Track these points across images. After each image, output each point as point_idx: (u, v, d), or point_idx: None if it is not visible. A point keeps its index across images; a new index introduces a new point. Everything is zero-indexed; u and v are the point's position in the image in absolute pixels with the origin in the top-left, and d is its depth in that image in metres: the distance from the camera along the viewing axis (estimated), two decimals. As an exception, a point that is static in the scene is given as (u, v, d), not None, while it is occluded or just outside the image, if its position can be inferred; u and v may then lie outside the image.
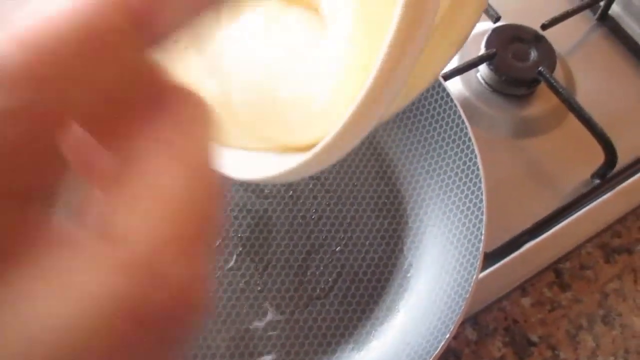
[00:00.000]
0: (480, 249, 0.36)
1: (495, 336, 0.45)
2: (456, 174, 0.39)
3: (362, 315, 0.38)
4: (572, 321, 0.45)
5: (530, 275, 0.45)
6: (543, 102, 0.50)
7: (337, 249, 0.40)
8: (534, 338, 0.45)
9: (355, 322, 0.38)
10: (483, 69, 0.50)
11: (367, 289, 0.39)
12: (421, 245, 0.39)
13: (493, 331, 0.45)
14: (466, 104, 0.50)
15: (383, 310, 0.38)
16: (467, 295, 0.35)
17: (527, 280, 0.46)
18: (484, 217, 0.36)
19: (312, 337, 0.37)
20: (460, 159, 0.39)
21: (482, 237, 0.36)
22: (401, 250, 0.40)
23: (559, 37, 0.52)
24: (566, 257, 0.47)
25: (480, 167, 0.38)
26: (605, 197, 0.46)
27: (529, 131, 0.50)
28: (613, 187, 0.47)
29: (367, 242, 0.40)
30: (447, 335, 0.34)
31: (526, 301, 0.46)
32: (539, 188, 0.48)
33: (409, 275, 0.39)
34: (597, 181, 0.47)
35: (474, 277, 0.35)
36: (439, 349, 0.34)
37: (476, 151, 0.38)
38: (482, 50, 0.50)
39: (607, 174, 0.47)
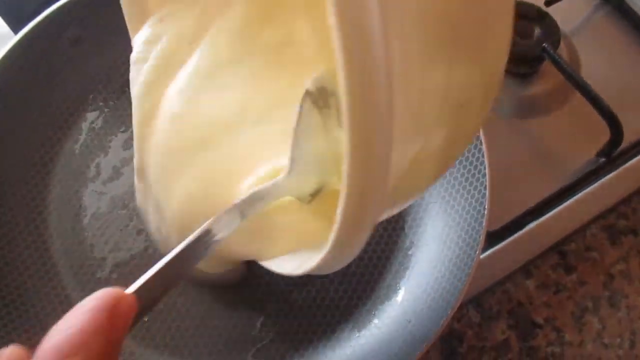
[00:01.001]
0: (483, 225, 0.35)
1: (499, 319, 0.44)
2: (458, 149, 0.38)
3: (363, 293, 0.37)
4: (578, 303, 0.45)
5: (534, 256, 0.44)
6: (547, 81, 0.49)
7: (337, 227, 0.39)
8: (539, 320, 0.44)
9: (355, 300, 0.37)
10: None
11: (367, 267, 0.38)
12: (422, 223, 0.38)
13: (497, 313, 0.44)
14: (468, 83, 0.49)
15: (384, 289, 0.37)
16: (470, 272, 0.34)
17: (531, 262, 0.45)
18: (487, 192, 0.35)
19: (311, 316, 0.37)
20: (462, 135, 0.38)
21: (485, 213, 0.35)
22: (402, 228, 0.39)
23: (563, 14, 0.51)
24: (571, 238, 0.46)
25: (484, 142, 0.37)
26: (610, 175, 0.46)
27: (532, 110, 0.49)
28: (619, 166, 0.46)
29: (367, 220, 0.39)
30: (449, 312, 0.33)
31: (530, 283, 0.45)
32: (543, 167, 0.47)
33: (410, 253, 0.38)
34: (603, 159, 0.46)
35: (477, 253, 0.34)
36: (440, 326, 0.33)
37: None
38: (484, 29, 0.49)
39: (613, 152, 0.46)
